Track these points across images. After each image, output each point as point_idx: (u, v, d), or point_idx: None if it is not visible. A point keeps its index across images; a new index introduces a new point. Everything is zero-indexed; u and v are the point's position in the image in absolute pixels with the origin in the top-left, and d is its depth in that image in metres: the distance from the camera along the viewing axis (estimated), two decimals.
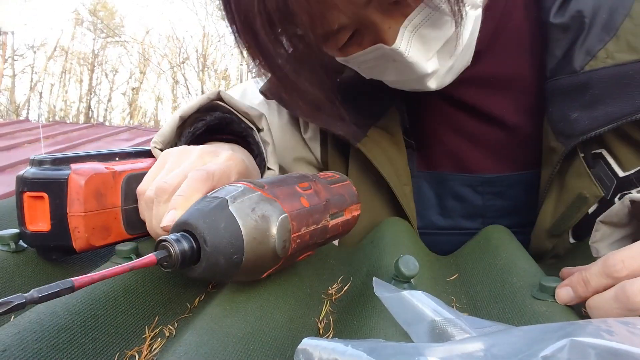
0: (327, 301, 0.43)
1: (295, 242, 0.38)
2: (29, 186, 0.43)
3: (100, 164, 0.46)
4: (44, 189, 0.43)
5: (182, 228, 0.35)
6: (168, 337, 0.37)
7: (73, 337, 0.33)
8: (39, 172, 0.43)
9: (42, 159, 0.44)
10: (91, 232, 0.44)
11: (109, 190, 0.45)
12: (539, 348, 0.22)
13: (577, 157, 0.54)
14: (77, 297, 0.35)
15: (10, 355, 0.29)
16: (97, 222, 0.44)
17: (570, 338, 0.21)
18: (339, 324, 0.39)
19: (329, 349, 0.26)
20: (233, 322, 0.34)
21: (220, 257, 0.34)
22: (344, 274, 0.49)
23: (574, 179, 0.55)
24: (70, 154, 0.46)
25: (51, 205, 0.43)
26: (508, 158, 0.64)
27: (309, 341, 0.28)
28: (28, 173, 0.43)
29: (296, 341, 0.36)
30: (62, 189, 0.43)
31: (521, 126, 0.62)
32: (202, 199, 0.37)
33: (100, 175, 0.44)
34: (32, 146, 3.78)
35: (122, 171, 0.47)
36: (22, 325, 0.31)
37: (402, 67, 0.50)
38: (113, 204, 0.46)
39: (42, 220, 0.43)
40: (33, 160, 0.44)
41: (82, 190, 0.43)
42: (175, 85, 13.84)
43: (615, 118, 0.50)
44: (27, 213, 0.43)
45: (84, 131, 4.86)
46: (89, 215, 0.43)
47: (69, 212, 0.43)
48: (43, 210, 0.43)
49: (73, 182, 0.43)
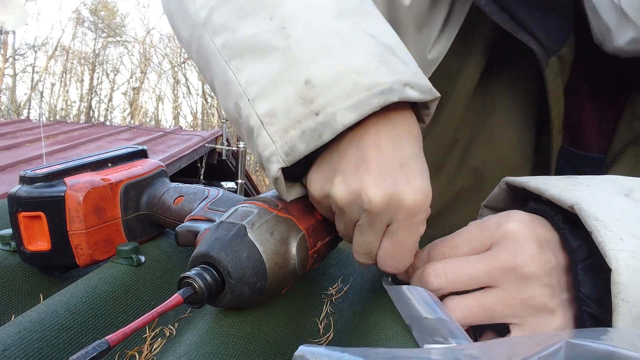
0: (328, 301, 0.43)
1: (312, 257, 0.38)
2: (24, 206, 0.41)
3: (95, 175, 0.45)
4: (41, 208, 0.41)
5: (203, 260, 0.34)
6: (168, 337, 0.37)
7: (74, 337, 0.33)
8: (33, 190, 0.42)
9: (33, 176, 0.42)
10: (94, 248, 0.43)
11: (108, 203, 0.44)
12: (534, 351, 0.22)
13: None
14: (78, 297, 0.36)
15: (11, 354, 0.29)
16: (99, 237, 0.43)
17: (566, 339, 0.21)
18: (339, 324, 0.39)
19: (324, 355, 0.26)
20: (233, 322, 0.34)
21: (245, 287, 0.33)
22: (344, 275, 0.49)
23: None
24: (62, 166, 0.44)
25: (50, 225, 0.42)
26: (604, 138, 0.59)
27: (306, 348, 0.28)
28: (21, 192, 0.41)
29: (297, 341, 0.36)
30: (59, 207, 0.41)
31: (617, 106, 0.58)
32: (218, 226, 0.36)
33: (97, 190, 0.43)
34: (33, 145, 3.79)
35: (119, 181, 0.45)
36: (23, 325, 0.32)
37: None
38: (113, 217, 0.45)
39: (42, 240, 0.42)
40: (24, 178, 0.42)
41: (81, 207, 0.42)
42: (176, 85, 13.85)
43: None
44: (24, 233, 0.42)
45: (85, 131, 4.87)
46: (91, 231, 0.42)
47: (70, 231, 0.42)
48: (41, 230, 0.42)
49: (71, 200, 0.41)
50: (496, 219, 0.35)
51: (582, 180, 0.36)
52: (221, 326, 0.33)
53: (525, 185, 0.37)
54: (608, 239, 0.29)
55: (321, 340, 0.37)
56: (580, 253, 0.32)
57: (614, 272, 0.29)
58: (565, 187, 0.34)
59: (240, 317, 0.35)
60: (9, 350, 0.29)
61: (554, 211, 0.35)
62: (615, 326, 0.29)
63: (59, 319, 0.33)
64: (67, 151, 3.82)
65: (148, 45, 12.94)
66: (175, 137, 4.80)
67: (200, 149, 4.62)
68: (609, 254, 0.29)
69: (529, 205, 0.38)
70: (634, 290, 0.28)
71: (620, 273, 0.28)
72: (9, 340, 0.30)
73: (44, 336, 0.31)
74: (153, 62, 12.89)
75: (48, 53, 12.17)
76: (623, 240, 0.30)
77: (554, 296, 0.33)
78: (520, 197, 0.40)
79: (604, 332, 0.25)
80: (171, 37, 12.95)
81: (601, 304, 0.30)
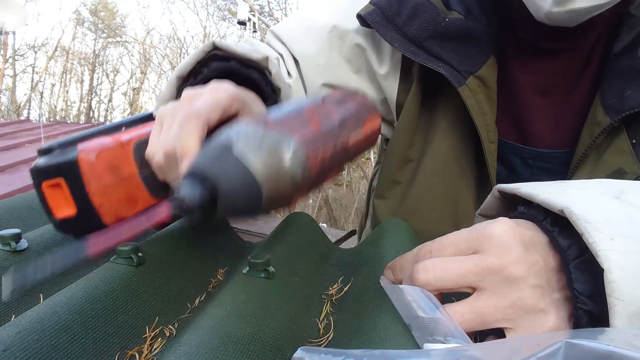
0: (328, 301, 0.43)
1: (313, 169, 0.37)
2: (44, 175, 0.43)
3: (107, 138, 0.46)
4: (59, 174, 0.43)
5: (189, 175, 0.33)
6: (168, 337, 0.37)
7: (74, 336, 0.33)
8: (49, 159, 0.43)
9: (49, 147, 0.44)
10: (117, 205, 0.44)
11: (121, 161, 0.45)
12: (533, 352, 0.22)
13: (621, 134, 0.56)
14: (78, 297, 0.36)
15: (10, 354, 0.29)
16: (120, 194, 0.44)
17: (565, 340, 0.21)
18: (339, 324, 0.39)
19: (322, 357, 0.26)
20: (233, 322, 0.34)
21: (238, 199, 0.32)
22: (345, 275, 0.49)
23: (614, 155, 0.56)
24: (77, 135, 0.46)
25: (71, 189, 0.43)
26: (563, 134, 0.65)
27: (304, 352, 0.28)
28: (39, 163, 0.44)
29: (296, 341, 0.36)
30: (75, 170, 0.43)
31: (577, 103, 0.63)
32: (204, 146, 0.35)
33: (109, 149, 0.44)
34: (33, 146, 3.78)
35: (130, 140, 0.46)
36: (23, 325, 0.32)
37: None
38: (130, 174, 0.46)
39: (67, 206, 0.44)
40: (41, 150, 0.44)
41: (95, 167, 0.43)
42: None
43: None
44: (50, 202, 0.44)
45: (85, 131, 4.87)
46: (110, 189, 0.44)
47: (90, 192, 0.43)
48: (64, 196, 0.43)
49: (83, 162, 0.43)
50: (484, 224, 0.36)
51: (572, 184, 0.37)
52: (221, 326, 0.34)
53: (517, 192, 0.38)
54: (599, 240, 0.30)
55: (321, 340, 0.37)
56: (571, 252, 0.32)
57: (606, 271, 0.29)
58: (555, 192, 0.35)
59: (241, 318, 0.35)
60: (9, 350, 0.29)
61: (543, 215, 0.35)
62: (612, 325, 0.29)
63: (58, 318, 0.33)
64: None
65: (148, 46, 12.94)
66: None
67: None
68: (600, 254, 0.29)
69: (518, 209, 0.38)
70: (627, 288, 0.29)
71: (613, 272, 0.29)
72: (8, 341, 0.30)
73: (44, 336, 0.31)
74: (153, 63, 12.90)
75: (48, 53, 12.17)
76: (613, 241, 0.30)
77: (544, 296, 0.33)
78: (512, 204, 0.41)
79: (602, 332, 0.25)
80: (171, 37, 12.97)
81: (596, 300, 0.31)
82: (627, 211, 0.33)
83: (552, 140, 0.66)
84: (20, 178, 2.75)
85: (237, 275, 0.42)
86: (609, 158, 0.57)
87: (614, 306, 0.29)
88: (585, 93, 0.63)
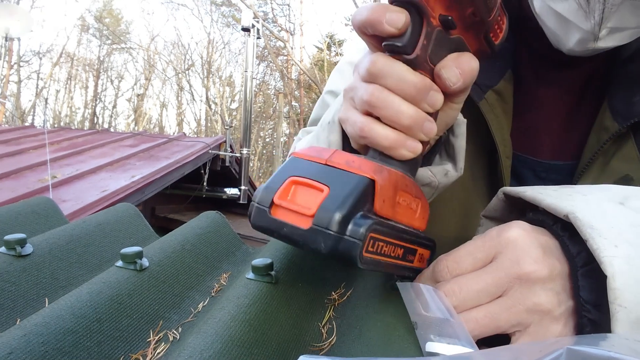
0: (331, 306, 0.43)
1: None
2: None
3: None
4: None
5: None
6: (172, 341, 0.37)
7: (78, 340, 0.33)
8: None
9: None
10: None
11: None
12: (535, 359, 0.22)
13: (629, 141, 0.55)
14: (82, 301, 0.36)
15: (16, 358, 0.29)
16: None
17: (567, 347, 0.21)
18: (342, 328, 0.39)
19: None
20: (237, 326, 0.34)
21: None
22: (347, 279, 0.49)
23: (621, 162, 0.56)
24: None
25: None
26: (572, 144, 0.64)
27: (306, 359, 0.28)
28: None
29: (300, 346, 0.36)
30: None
31: (587, 111, 0.62)
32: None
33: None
34: (38, 152, 3.80)
35: None
36: (29, 328, 0.32)
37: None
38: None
39: None
40: None
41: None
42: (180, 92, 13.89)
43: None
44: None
45: (89, 137, 4.89)
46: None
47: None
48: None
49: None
50: (497, 229, 0.36)
51: (578, 189, 0.37)
52: (225, 331, 0.34)
53: (522, 195, 0.37)
54: (603, 246, 0.30)
55: (324, 344, 0.37)
56: (580, 259, 0.32)
57: (609, 278, 0.29)
58: (560, 197, 0.35)
59: (244, 322, 0.35)
60: (15, 353, 0.29)
61: (552, 220, 0.35)
62: (614, 331, 0.29)
63: (63, 322, 0.33)
64: (71, 157, 3.83)
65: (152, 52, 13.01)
66: (179, 143, 4.81)
67: (204, 155, 4.62)
68: (604, 260, 0.29)
69: (527, 216, 0.38)
70: (630, 295, 0.29)
71: (616, 279, 0.29)
72: (14, 344, 0.30)
73: (49, 339, 0.31)
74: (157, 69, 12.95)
75: (53, 60, 12.25)
76: (617, 247, 0.30)
77: (560, 304, 0.33)
78: (517, 206, 0.40)
79: (604, 338, 0.25)
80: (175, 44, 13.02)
81: (600, 309, 0.31)
82: (631, 218, 0.33)
83: (562, 151, 0.64)
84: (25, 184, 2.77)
85: (241, 280, 0.43)
86: (616, 165, 0.56)
87: (617, 313, 0.29)
88: (594, 99, 0.62)
